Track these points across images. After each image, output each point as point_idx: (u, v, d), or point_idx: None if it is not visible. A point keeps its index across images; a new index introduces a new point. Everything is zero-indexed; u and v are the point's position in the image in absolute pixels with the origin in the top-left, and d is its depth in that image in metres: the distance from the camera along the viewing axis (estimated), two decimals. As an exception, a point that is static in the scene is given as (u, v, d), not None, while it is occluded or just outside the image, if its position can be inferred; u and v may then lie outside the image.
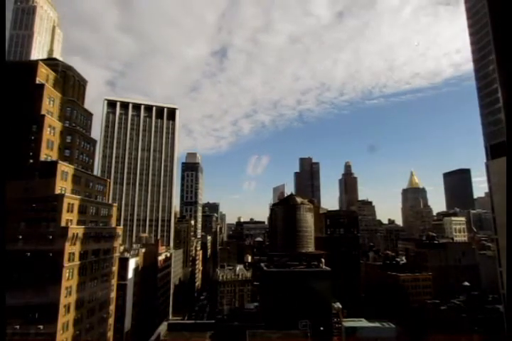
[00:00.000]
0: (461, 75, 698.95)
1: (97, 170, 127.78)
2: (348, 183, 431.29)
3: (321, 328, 72.05)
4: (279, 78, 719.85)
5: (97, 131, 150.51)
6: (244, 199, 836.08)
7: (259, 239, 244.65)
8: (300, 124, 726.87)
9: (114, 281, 78.85)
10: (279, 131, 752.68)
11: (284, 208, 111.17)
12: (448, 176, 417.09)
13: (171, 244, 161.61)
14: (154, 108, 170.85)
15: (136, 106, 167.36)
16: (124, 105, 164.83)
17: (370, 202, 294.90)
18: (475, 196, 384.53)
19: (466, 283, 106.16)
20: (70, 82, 77.71)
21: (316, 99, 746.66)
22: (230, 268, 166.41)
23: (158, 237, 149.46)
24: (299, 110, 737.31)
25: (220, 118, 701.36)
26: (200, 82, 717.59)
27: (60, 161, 62.76)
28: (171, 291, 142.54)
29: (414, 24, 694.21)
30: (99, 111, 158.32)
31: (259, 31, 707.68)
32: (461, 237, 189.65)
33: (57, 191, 60.36)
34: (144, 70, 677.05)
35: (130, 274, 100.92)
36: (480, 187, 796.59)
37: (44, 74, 68.37)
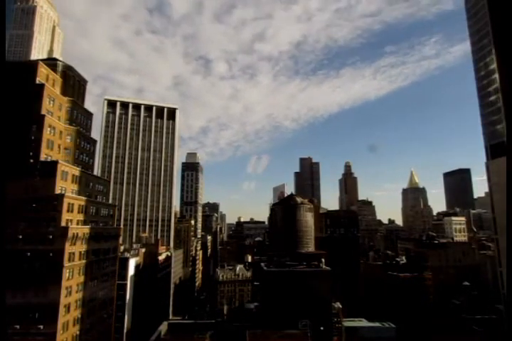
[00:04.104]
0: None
1: (97, 170, 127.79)
2: (348, 183, 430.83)
3: (321, 328, 72.10)
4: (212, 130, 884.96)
5: (97, 131, 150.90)
6: (244, 200, 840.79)
7: (259, 239, 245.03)
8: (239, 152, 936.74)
9: (114, 281, 78.82)
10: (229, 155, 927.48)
11: (284, 208, 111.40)
12: (448, 176, 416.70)
13: (171, 244, 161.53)
14: (154, 108, 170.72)
15: (136, 106, 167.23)
16: (124, 105, 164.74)
17: (370, 202, 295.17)
18: (475, 196, 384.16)
19: (466, 283, 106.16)
20: (70, 82, 77.72)
21: (244, 139, 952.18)
22: (230, 268, 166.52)
23: (158, 237, 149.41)
24: (234, 145, 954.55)
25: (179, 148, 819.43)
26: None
27: (60, 161, 62.77)
28: (171, 291, 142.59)
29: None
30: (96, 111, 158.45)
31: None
32: (461, 237, 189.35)
33: (58, 191, 60.36)
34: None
35: (130, 274, 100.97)
36: (480, 187, 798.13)
37: (44, 74, 68.34)
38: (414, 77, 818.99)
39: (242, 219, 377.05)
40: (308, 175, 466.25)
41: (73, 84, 79.02)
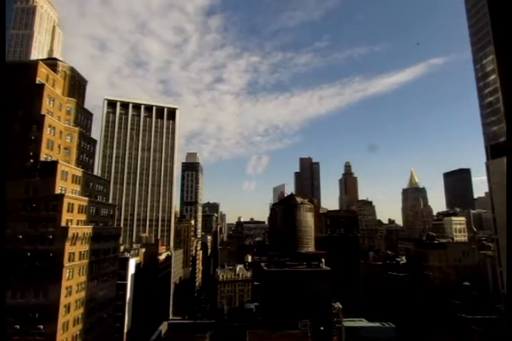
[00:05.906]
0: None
1: (97, 170, 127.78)
2: (348, 183, 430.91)
3: (321, 328, 72.08)
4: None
5: (97, 131, 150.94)
6: (244, 199, 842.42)
7: (259, 239, 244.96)
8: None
9: (114, 281, 78.83)
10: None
11: (284, 208, 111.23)
12: (448, 176, 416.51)
13: (171, 244, 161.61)
14: (154, 108, 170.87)
15: (136, 106, 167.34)
16: (124, 105, 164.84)
17: (370, 202, 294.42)
18: (475, 196, 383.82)
19: (466, 283, 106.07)
20: (70, 82, 77.71)
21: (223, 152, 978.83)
22: (230, 268, 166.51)
23: (158, 237, 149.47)
24: (218, 156, 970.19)
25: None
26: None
27: (60, 161, 62.77)
28: (171, 291, 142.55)
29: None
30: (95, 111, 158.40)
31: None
32: (461, 237, 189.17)
33: (58, 191, 60.37)
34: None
35: (130, 274, 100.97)
36: (480, 187, 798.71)
37: (44, 74, 68.33)
38: (354, 104, 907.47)
39: (242, 219, 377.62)
40: (308, 175, 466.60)
41: (73, 84, 79.03)
